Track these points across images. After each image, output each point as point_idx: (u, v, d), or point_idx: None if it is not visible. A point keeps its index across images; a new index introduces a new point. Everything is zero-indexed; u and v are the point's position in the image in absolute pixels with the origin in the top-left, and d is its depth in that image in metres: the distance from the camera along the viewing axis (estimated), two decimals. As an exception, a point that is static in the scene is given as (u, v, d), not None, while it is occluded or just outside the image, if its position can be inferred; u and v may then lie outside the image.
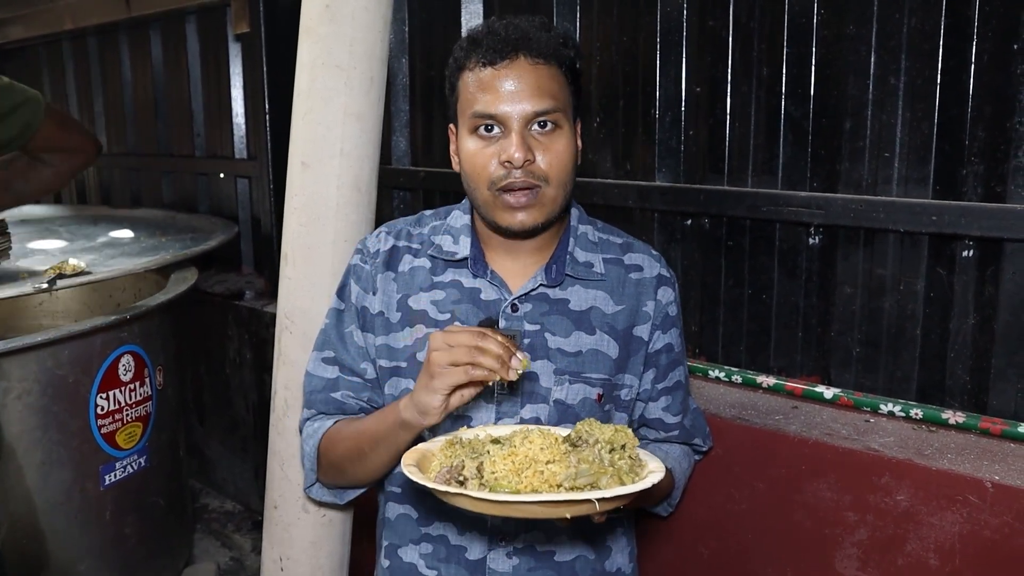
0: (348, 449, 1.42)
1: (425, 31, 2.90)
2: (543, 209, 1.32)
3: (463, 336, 1.18)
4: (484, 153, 1.31)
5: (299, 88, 1.83)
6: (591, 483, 1.12)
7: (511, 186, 1.29)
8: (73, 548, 2.28)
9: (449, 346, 1.18)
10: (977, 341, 1.76)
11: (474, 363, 1.17)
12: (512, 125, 1.29)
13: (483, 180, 1.32)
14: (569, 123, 1.33)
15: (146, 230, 3.52)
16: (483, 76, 1.31)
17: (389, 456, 1.37)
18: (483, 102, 1.30)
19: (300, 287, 1.85)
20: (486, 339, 1.17)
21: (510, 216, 1.32)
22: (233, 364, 3.50)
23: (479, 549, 1.43)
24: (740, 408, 1.89)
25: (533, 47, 1.30)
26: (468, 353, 1.16)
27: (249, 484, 3.56)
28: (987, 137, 1.71)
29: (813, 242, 1.97)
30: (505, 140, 1.29)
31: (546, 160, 1.30)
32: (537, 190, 1.31)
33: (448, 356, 1.18)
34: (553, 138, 1.31)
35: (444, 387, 1.19)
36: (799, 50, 1.94)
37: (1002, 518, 1.48)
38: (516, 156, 1.27)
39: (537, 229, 1.35)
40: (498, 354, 1.16)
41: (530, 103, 1.28)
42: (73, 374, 2.20)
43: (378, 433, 1.35)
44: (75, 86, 4.91)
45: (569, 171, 1.33)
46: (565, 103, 1.33)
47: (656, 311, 1.46)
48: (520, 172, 1.28)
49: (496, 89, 1.29)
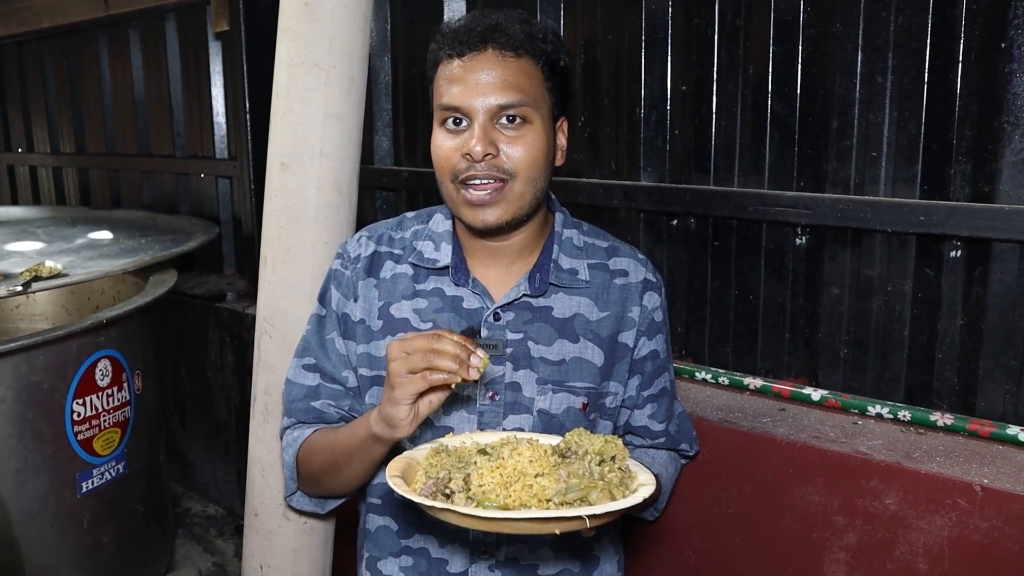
0: (323, 462, 1.40)
1: (407, 29, 2.87)
2: (508, 206, 1.29)
3: (417, 341, 1.15)
4: (449, 146, 1.29)
5: (278, 87, 1.79)
6: (581, 498, 1.09)
7: (471, 178, 1.27)
8: (50, 557, 2.24)
9: (406, 354, 1.16)
10: (965, 342, 1.75)
11: (431, 367, 1.14)
12: (476, 117, 1.26)
13: (447, 173, 1.30)
14: (541, 119, 1.30)
15: (126, 231, 3.47)
16: (451, 68, 1.29)
17: (364, 469, 1.34)
18: (449, 94, 1.28)
19: (280, 290, 1.81)
20: (441, 340, 1.14)
21: (472, 213, 1.29)
22: (215, 367, 3.46)
23: (461, 562, 1.40)
24: (727, 411, 1.87)
25: (502, 39, 1.27)
26: (424, 358, 1.14)
27: (232, 488, 3.51)
28: (975, 136, 1.69)
29: (800, 242, 1.96)
30: (469, 132, 1.27)
31: (511, 155, 1.27)
32: (501, 184, 1.27)
33: (405, 364, 1.15)
34: (521, 132, 1.27)
35: (406, 396, 1.16)
36: (785, 48, 1.92)
37: (991, 522, 1.46)
38: (476, 149, 1.24)
39: (503, 227, 1.32)
40: (454, 354, 1.14)
41: (495, 96, 1.25)
42: (48, 380, 2.16)
43: (351, 447, 1.32)
44: (53, 85, 4.84)
45: (539, 167, 1.29)
46: (536, 98, 1.29)
47: (642, 317, 1.44)
48: (482, 165, 1.26)
49: (462, 81, 1.27)
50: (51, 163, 4.97)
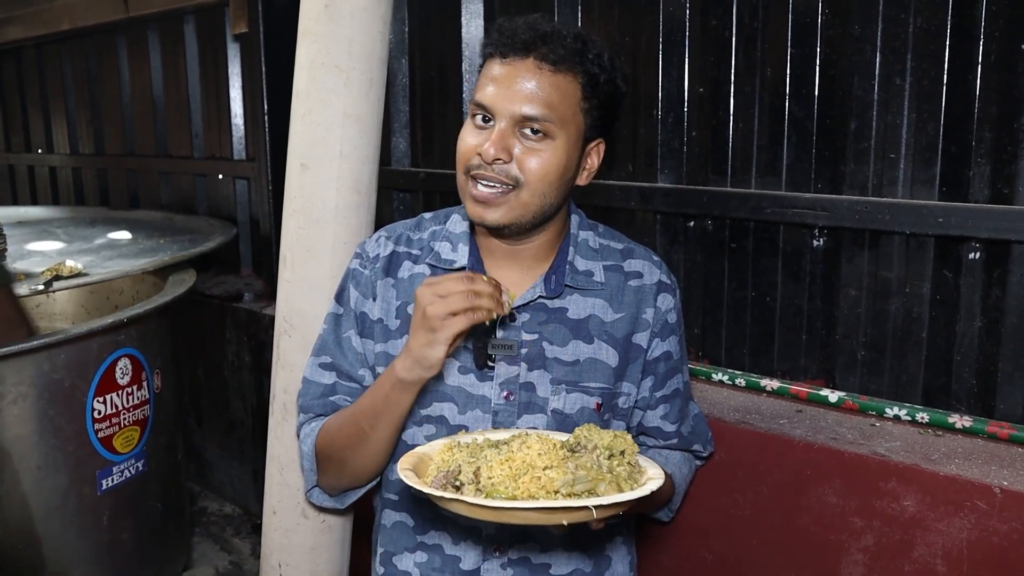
0: (347, 435, 1.39)
1: (425, 31, 2.88)
2: (511, 211, 1.30)
3: (451, 284, 1.19)
4: (472, 141, 1.31)
5: (298, 89, 1.81)
6: (589, 490, 1.11)
7: (479, 175, 1.29)
8: (69, 553, 2.26)
9: (440, 296, 1.19)
10: (984, 344, 1.74)
11: (473, 307, 1.18)
12: (500, 122, 1.28)
13: (462, 163, 1.32)
14: (567, 137, 1.29)
15: (144, 231, 3.50)
16: (493, 67, 1.31)
17: (392, 429, 1.35)
18: (483, 92, 1.30)
19: (299, 290, 1.83)
20: (475, 281, 1.19)
21: (474, 209, 1.32)
22: (232, 366, 3.48)
23: (473, 559, 1.41)
24: (744, 412, 1.87)
25: (545, 51, 1.27)
26: (465, 298, 1.18)
27: (248, 487, 3.54)
28: (994, 138, 1.69)
29: (817, 244, 1.95)
30: (490, 132, 1.29)
31: (525, 165, 1.28)
32: (507, 189, 1.28)
33: (444, 307, 1.18)
34: (540, 146, 1.28)
35: (449, 336, 1.19)
36: (803, 50, 1.92)
37: (1011, 524, 1.46)
38: (488, 151, 1.26)
39: (503, 229, 1.33)
40: (491, 293, 1.19)
41: (520, 105, 1.26)
42: (69, 378, 2.18)
43: (376, 406, 1.33)
44: (73, 87, 4.89)
45: (550, 183, 1.29)
46: (565, 116, 1.28)
47: (655, 318, 1.44)
48: (491, 168, 1.28)
49: (497, 83, 1.28)
50: (70, 164, 5.02)
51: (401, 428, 1.38)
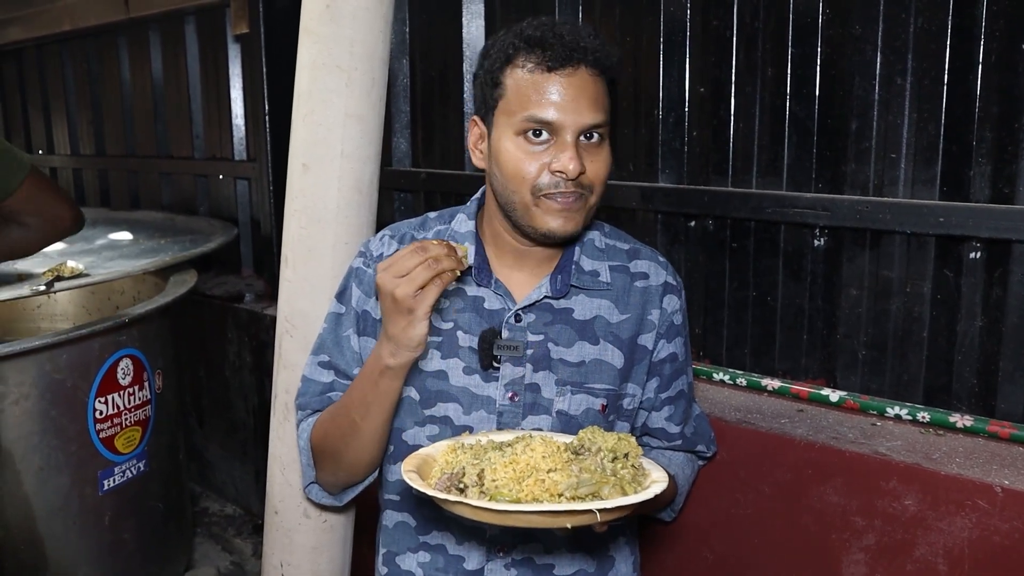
0: (340, 428, 1.39)
1: (426, 32, 2.89)
2: (584, 217, 1.32)
3: (407, 260, 1.18)
4: (530, 158, 1.27)
5: (299, 89, 1.81)
6: (593, 492, 1.10)
7: (558, 192, 1.27)
8: (71, 554, 2.26)
9: (402, 275, 1.18)
10: (985, 344, 1.75)
11: (438, 273, 1.17)
12: (566, 136, 1.26)
13: (526, 185, 1.28)
14: (609, 137, 1.33)
15: (145, 232, 3.50)
16: (541, 79, 1.26)
17: (384, 417, 1.35)
18: (539, 106, 1.26)
19: (300, 290, 1.83)
20: (427, 247, 1.18)
21: (553, 221, 1.29)
22: (233, 367, 3.49)
23: (477, 559, 1.41)
24: (745, 411, 1.87)
25: (592, 58, 1.27)
26: (427, 268, 1.17)
27: (249, 487, 3.54)
28: (994, 138, 1.69)
29: (818, 244, 1.96)
30: (556, 148, 1.26)
31: (593, 171, 1.29)
32: (582, 198, 1.30)
33: (411, 284, 1.17)
34: (599, 150, 1.30)
35: (426, 311, 1.19)
36: (804, 50, 1.92)
37: (1012, 523, 1.46)
38: (571, 168, 1.24)
39: (575, 236, 1.36)
40: (447, 253, 1.18)
41: (587, 115, 1.26)
42: (71, 378, 2.18)
43: (366, 396, 1.32)
44: (73, 87, 4.89)
45: (605, 183, 1.33)
46: (609, 116, 1.32)
47: (661, 320, 1.44)
48: (572, 183, 1.27)
49: (555, 95, 1.25)
50: (71, 164, 5.02)
51: (393, 417, 1.37)
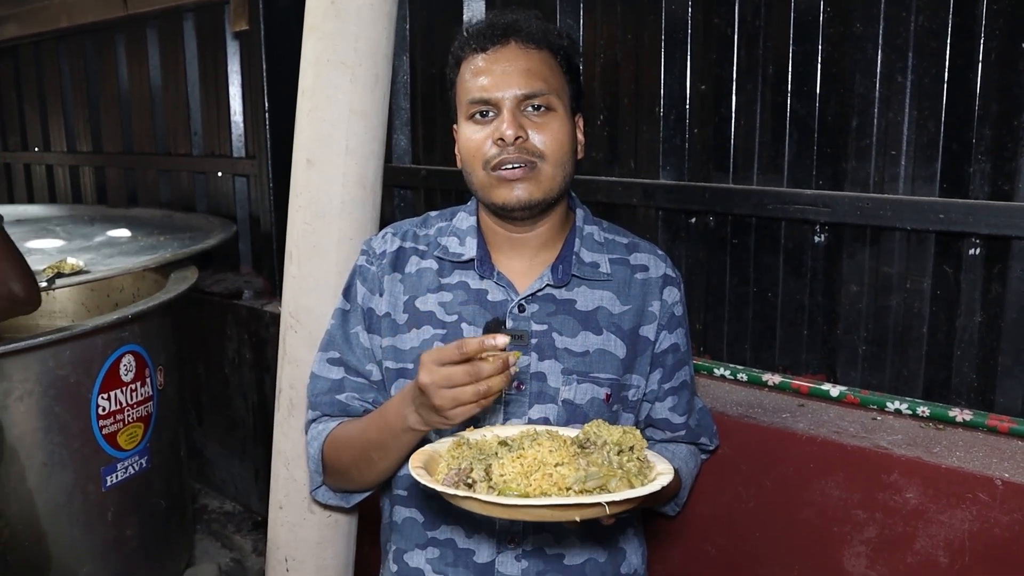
0: (355, 459, 1.42)
1: (426, 29, 2.89)
2: (540, 185, 1.33)
3: (458, 375, 1.15)
4: (479, 136, 1.34)
5: (304, 85, 1.82)
6: (600, 486, 1.12)
7: (504, 162, 1.31)
8: (75, 550, 2.27)
9: (446, 388, 1.16)
10: (984, 339, 1.76)
11: (486, 396, 1.16)
12: (504, 105, 1.32)
13: (478, 161, 1.34)
14: (564, 108, 1.36)
15: (143, 229, 3.51)
16: (476, 63, 1.35)
17: (402, 456, 1.37)
18: (477, 88, 1.33)
19: (305, 286, 1.83)
20: (480, 367, 1.15)
21: (507, 191, 1.33)
22: (232, 364, 3.49)
23: (487, 552, 1.42)
24: (747, 406, 1.89)
25: (523, 33, 1.34)
26: (476, 394, 1.16)
27: (249, 485, 3.54)
28: (994, 135, 1.71)
29: (819, 240, 1.97)
30: (498, 120, 1.32)
31: (540, 138, 1.32)
32: (532, 165, 1.32)
33: (453, 402, 1.16)
34: (547, 119, 1.33)
35: (462, 417, 1.19)
36: (805, 48, 1.94)
37: (1012, 515, 1.48)
38: (508, 132, 1.30)
39: (536, 206, 1.35)
40: (502, 373, 1.16)
41: (520, 85, 1.32)
42: (75, 374, 2.19)
43: (386, 443, 1.35)
44: (70, 85, 4.88)
45: (566, 151, 1.35)
46: (558, 87, 1.35)
47: (662, 311, 1.46)
48: (513, 149, 1.31)
49: (488, 73, 1.33)
50: (68, 162, 5.01)
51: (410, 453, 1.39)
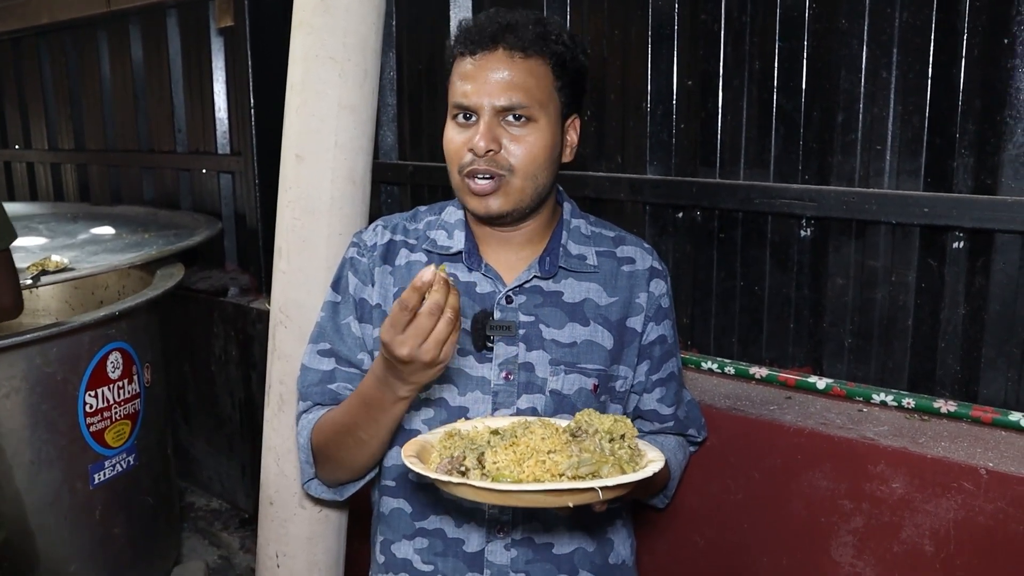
0: (344, 441, 1.40)
1: (412, 25, 2.89)
2: (508, 198, 1.34)
3: (423, 321, 1.16)
4: (459, 139, 1.34)
5: (292, 81, 1.82)
6: (593, 472, 1.13)
7: (474, 172, 1.32)
8: (63, 548, 2.25)
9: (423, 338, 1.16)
10: (968, 331, 1.79)
11: (455, 319, 1.17)
12: (483, 115, 1.32)
13: (455, 164, 1.35)
14: (548, 118, 1.34)
15: (128, 227, 3.49)
16: (464, 65, 1.34)
17: (391, 430, 1.36)
18: (460, 92, 1.33)
19: (295, 280, 1.83)
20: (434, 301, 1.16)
21: (476, 201, 1.35)
22: (219, 361, 3.47)
23: (477, 541, 1.43)
24: (734, 399, 1.91)
25: (512, 39, 1.31)
26: (448, 322, 1.16)
27: (236, 482, 3.53)
28: (977, 130, 1.73)
29: (805, 234, 1.99)
30: (474, 128, 1.32)
31: (513, 152, 1.32)
32: (500, 179, 1.32)
33: (438, 346, 1.17)
34: (525, 131, 1.32)
35: (447, 359, 1.19)
36: (791, 44, 1.95)
37: (996, 504, 1.50)
38: (479, 144, 1.30)
39: (505, 216, 1.37)
40: (440, 288, 1.16)
41: (499, 96, 1.30)
42: (62, 371, 2.17)
43: (375, 417, 1.33)
44: (52, 82, 4.83)
45: (539, 164, 1.34)
46: (542, 98, 1.33)
47: (649, 303, 1.48)
48: (483, 161, 1.31)
49: (472, 79, 1.32)
50: (49, 159, 4.96)
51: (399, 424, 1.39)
